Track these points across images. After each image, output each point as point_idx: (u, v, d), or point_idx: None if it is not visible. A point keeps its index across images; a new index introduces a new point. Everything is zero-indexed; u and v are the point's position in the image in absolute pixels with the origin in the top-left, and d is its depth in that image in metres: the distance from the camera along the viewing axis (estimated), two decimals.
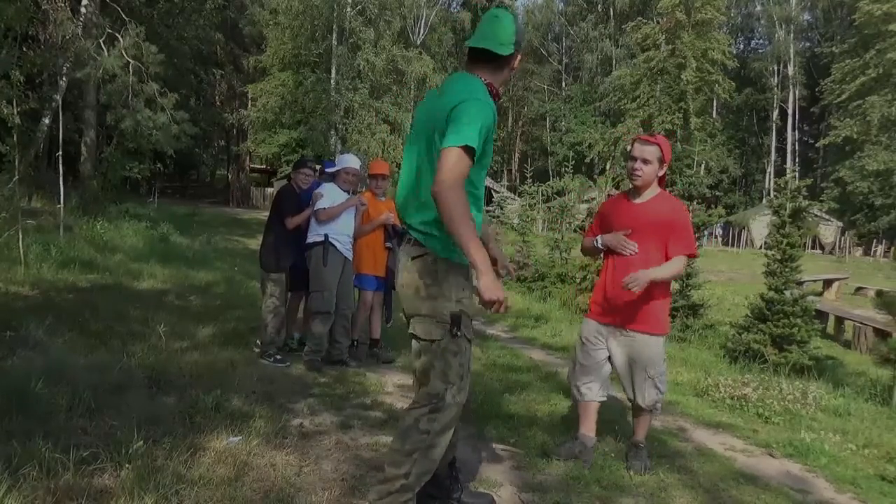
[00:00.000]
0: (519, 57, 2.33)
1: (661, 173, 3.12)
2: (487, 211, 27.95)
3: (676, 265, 3.06)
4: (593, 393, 3.26)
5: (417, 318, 2.23)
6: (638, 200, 3.14)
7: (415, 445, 2.19)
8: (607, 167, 41.71)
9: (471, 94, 2.14)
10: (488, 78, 2.27)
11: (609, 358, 3.22)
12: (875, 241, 35.74)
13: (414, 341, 2.27)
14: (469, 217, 2.01)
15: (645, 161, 3.06)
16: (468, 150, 2.04)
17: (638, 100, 41.38)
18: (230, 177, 41.31)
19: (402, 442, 2.21)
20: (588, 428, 3.30)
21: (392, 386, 4.34)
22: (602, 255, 3.26)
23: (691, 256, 3.16)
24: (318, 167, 5.21)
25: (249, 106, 35.67)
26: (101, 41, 12.59)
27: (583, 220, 17.04)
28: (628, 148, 3.22)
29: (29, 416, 2.84)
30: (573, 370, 3.34)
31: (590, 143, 43.42)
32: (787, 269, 7.08)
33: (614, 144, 41.27)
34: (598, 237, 3.22)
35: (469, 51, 2.29)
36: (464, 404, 2.29)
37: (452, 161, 2.03)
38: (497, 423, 3.63)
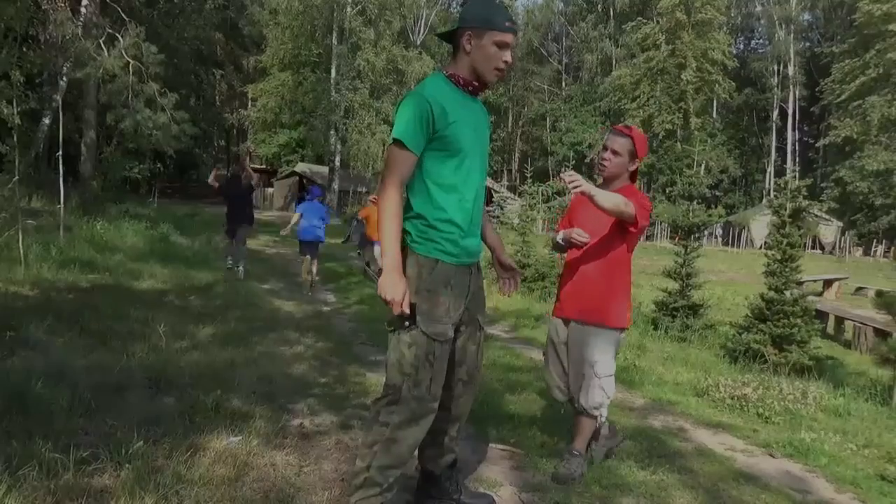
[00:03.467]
0: (467, 33, 2.20)
1: (632, 168, 2.99)
2: (487, 211, 27.94)
3: (620, 196, 2.78)
4: (561, 395, 3.14)
5: (388, 309, 2.25)
6: None
7: (375, 438, 2.21)
8: None
9: (409, 93, 2.24)
10: (451, 69, 2.28)
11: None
12: (875, 241, 35.75)
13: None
14: (393, 216, 2.10)
15: (615, 152, 2.95)
16: (398, 143, 2.12)
17: (638, 100, 41.44)
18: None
19: (366, 434, 2.26)
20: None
21: None
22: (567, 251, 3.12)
23: (635, 225, 2.84)
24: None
25: (249, 106, 35.71)
26: (101, 41, 12.58)
27: None
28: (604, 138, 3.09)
29: (29, 416, 2.84)
30: (546, 372, 3.23)
31: (590, 143, 43.46)
32: (787, 269, 7.07)
33: None
34: (559, 233, 3.09)
35: None
36: (430, 403, 2.24)
37: (386, 160, 2.18)
38: (497, 423, 3.62)
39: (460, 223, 2.25)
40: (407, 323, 2.17)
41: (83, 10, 13.34)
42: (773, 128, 45.84)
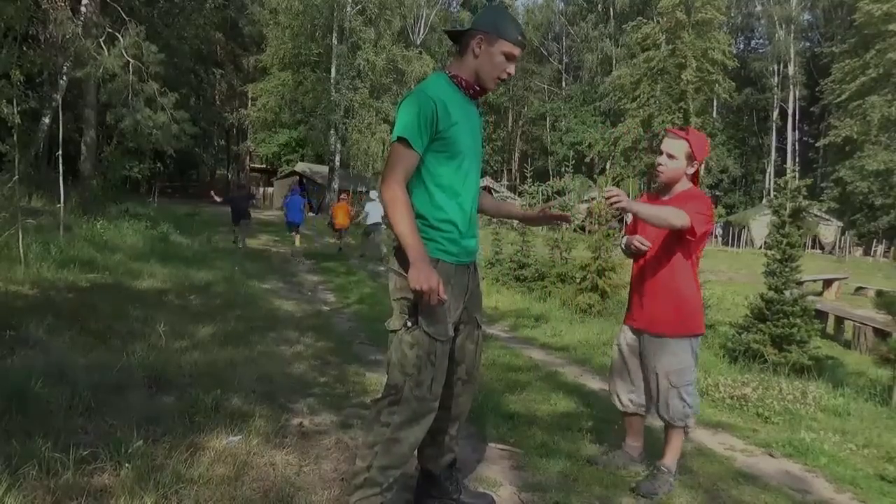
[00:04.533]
0: (478, 36, 2.21)
1: (690, 171, 2.88)
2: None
3: (667, 210, 2.73)
4: (632, 404, 3.09)
5: (392, 310, 2.27)
6: (665, 197, 2.94)
7: (376, 438, 2.21)
8: (607, 167, 41.81)
9: (410, 92, 2.23)
10: (454, 70, 2.28)
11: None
12: (875, 241, 35.77)
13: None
14: (404, 210, 2.08)
15: (670, 156, 2.86)
16: (402, 141, 2.12)
17: (638, 100, 41.42)
18: (230, 176, 41.33)
19: (366, 434, 2.26)
20: (632, 438, 3.16)
21: None
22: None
23: (692, 234, 2.74)
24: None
25: (249, 105, 35.69)
26: (101, 41, 12.58)
27: (583, 220, 16.96)
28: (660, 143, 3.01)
29: (29, 416, 2.84)
30: (609, 378, 3.21)
31: (590, 143, 43.45)
32: (787, 269, 7.08)
33: (614, 144, 41.32)
34: (624, 238, 3.03)
35: None
36: (431, 402, 2.23)
37: (389, 157, 2.18)
38: (497, 423, 3.62)
39: (459, 224, 2.26)
40: (409, 323, 2.18)
41: (83, 9, 13.32)
42: (773, 128, 45.85)
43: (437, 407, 2.26)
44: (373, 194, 14.12)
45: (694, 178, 2.94)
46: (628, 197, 2.64)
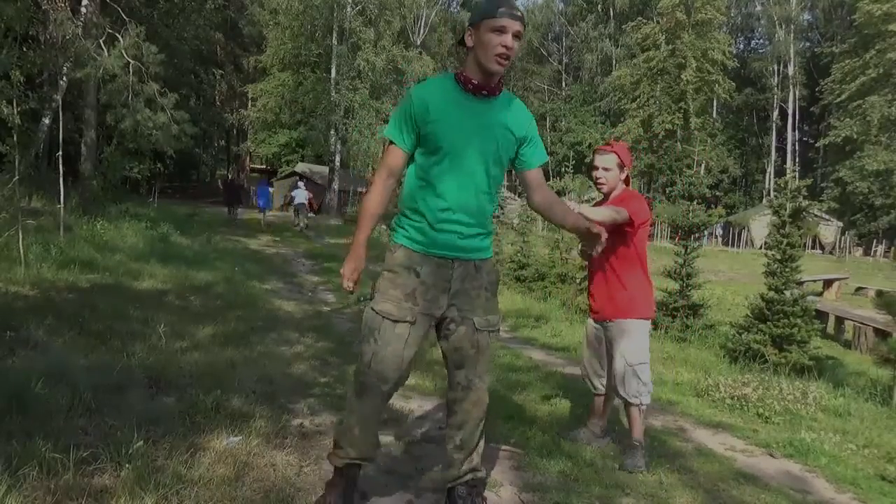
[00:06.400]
0: (469, 31, 2.24)
1: (622, 176, 3.33)
2: None
3: (610, 209, 3.16)
4: (603, 387, 3.46)
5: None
6: (608, 202, 3.36)
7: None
8: None
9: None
10: (463, 69, 2.31)
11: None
12: (875, 241, 35.77)
13: None
14: (368, 202, 2.33)
15: (606, 169, 3.30)
16: (387, 141, 2.32)
17: (638, 100, 41.46)
18: (230, 177, 41.29)
19: None
20: (597, 417, 3.52)
21: None
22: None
23: (630, 225, 3.16)
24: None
25: (249, 106, 35.71)
26: (101, 41, 12.56)
27: None
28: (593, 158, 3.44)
29: (29, 416, 2.84)
30: (581, 366, 3.63)
31: (590, 144, 43.44)
32: (787, 269, 7.08)
33: None
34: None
35: None
36: (371, 378, 2.30)
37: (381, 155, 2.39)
38: (497, 423, 3.62)
39: (428, 216, 2.28)
40: (361, 298, 2.32)
41: (83, 10, 13.30)
42: (773, 128, 45.85)
43: (382, 390, 2.31)
44: (300, 184, 21.12)
45: (627, 181, 3.39)
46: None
